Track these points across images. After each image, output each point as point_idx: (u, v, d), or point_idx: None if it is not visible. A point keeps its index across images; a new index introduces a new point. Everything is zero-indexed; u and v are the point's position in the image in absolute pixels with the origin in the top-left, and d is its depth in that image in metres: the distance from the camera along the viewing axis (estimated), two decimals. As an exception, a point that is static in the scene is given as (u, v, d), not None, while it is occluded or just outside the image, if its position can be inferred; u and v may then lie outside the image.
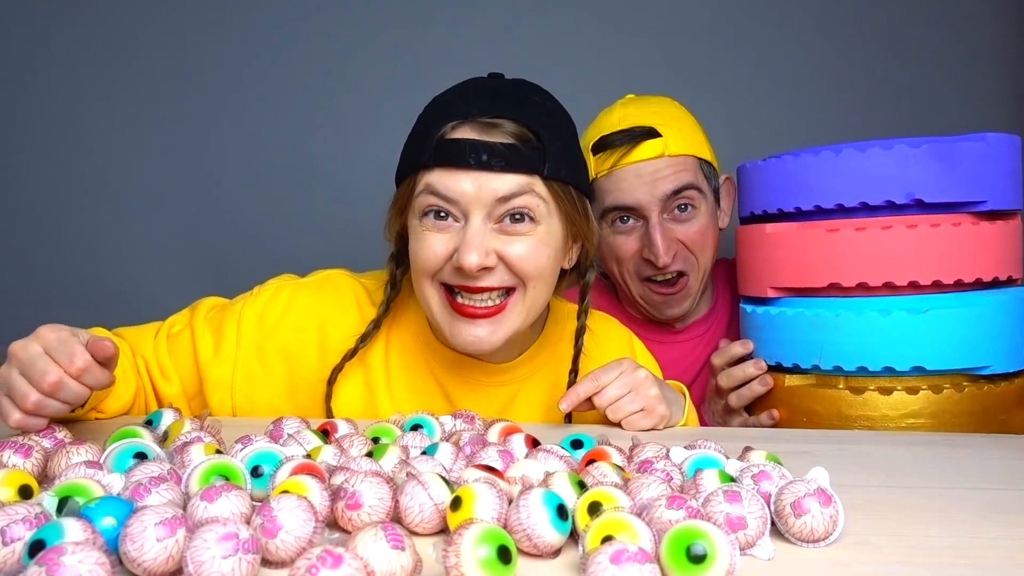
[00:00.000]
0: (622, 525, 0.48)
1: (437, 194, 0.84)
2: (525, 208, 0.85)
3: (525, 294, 0.88)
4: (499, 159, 0.83)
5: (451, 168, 0.84)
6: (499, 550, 0.45)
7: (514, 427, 0.76)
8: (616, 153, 1.17)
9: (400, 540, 0.45)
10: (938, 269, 0.97)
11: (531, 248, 0.86)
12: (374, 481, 0.54)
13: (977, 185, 0.97)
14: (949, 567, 0.50)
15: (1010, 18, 1.57)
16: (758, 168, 1.09)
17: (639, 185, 1.16)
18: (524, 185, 0.84)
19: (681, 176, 1.17)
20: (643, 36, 1.60)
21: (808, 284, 1.01)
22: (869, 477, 0.69)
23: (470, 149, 0.83)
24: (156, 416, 0.77)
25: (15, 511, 0.47)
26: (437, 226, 0.86)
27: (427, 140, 0.85)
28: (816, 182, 1.01)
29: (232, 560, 0.43)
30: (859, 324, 0.97)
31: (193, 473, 0.57)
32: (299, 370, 0.95)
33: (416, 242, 0.88)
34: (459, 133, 0.85)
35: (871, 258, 0.97)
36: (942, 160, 0.96)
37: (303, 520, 0.48)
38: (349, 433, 0.73)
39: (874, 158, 0.98)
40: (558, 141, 0.87)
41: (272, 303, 0.97)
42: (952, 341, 0.96)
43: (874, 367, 0.97)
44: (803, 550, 0.52)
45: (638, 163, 1.16)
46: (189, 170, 1.62)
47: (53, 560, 0.40)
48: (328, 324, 0.96)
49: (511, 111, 0.85)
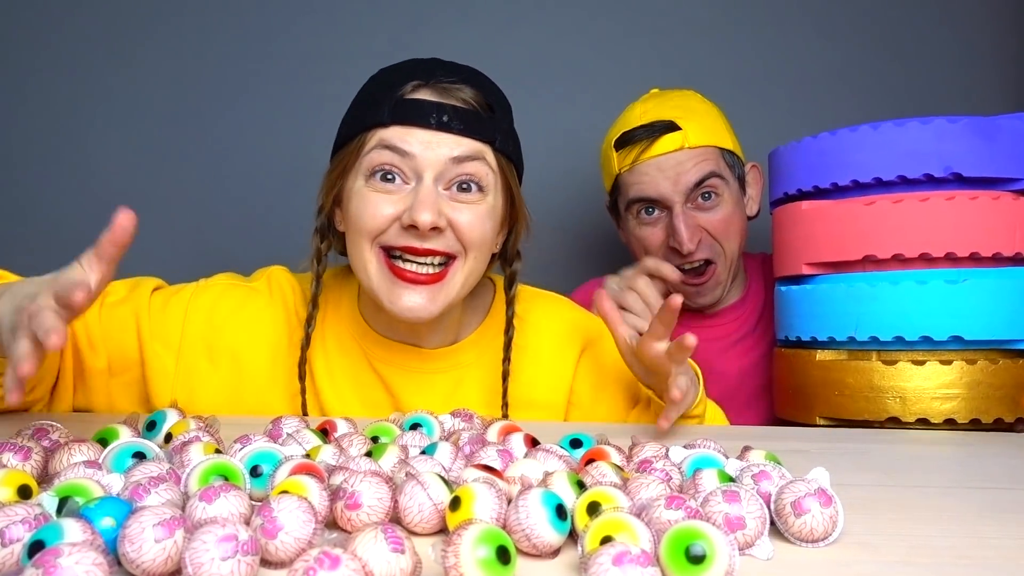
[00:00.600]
0: (621, 525, 0.48)
1: (393, 148, 0.84)
2: (475, 175, 0.86)
3: (465, 263, 0.88)
4: (458, 121, 0.85)
5: (409, 126, 0.84)
6: (498, 550, 0.45)
7: (513, 426, 0.75)
8: (637, 147, 1.20)
9: (400, 542, 0.45)
10: (975, 241, 0.97)
11: (478, 217, 0.87)
12: (373, 481, 0.54)
13: (1015, 162, 0.97)
14: (949, 567, 0.50)
15: (1010, 16, 1.57)
16: (793, 148, 1.09)
17: (661, 178, 1.19)
18: (477, 151, 0.86)
19: (702, 167, 1.19)
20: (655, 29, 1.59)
21: (844, 257, 1.01)
22: (869, 476, 0.69)
23: (432, 108, 0.84)
24: (160, 416, 0.77)
25: (14, 512, 0.47)
26: (385, 187, 0.85)
27: (384, 99, 0.86)
28: (854, 158, 1.01)
29: (231, 562, 0.43)
30: (896, 294, 0.97)
31: (192, 473, 0.57)
32: (248, 371, 0.94)
33: (360, 203, 0.86)
34: (419, 94, 0.86)
35: (907, 229, 0.98)
36: (980, 136, 0.96)
37: (303, 521, 0.48)
38: (348, 432, 0.73)
39: (913, 132, 0.98)
40: (506, 119, 0.90)
41: (223, 300, 0.96)
42: (990, 313, 0.96)
43: (911, 336, 0.97)
44: (802, 550, 0.52)
45: (659, 156, 1.19)
46: (189, 169, 1.62)
47: (50, 562, 0.40)
48: (277, 328, 0.95)
49: (468, 79, 0.88)
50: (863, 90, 1.57)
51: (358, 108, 0.90)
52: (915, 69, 1.58)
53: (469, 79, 0.88)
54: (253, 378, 0.94)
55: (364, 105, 0.89)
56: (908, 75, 1.58)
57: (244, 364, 0.95)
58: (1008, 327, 0.96)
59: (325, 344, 0.97)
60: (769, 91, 1.58)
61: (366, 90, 0.91)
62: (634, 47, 1.61)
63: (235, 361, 0.94)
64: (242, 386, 0.94)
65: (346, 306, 0.98)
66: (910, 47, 1.58)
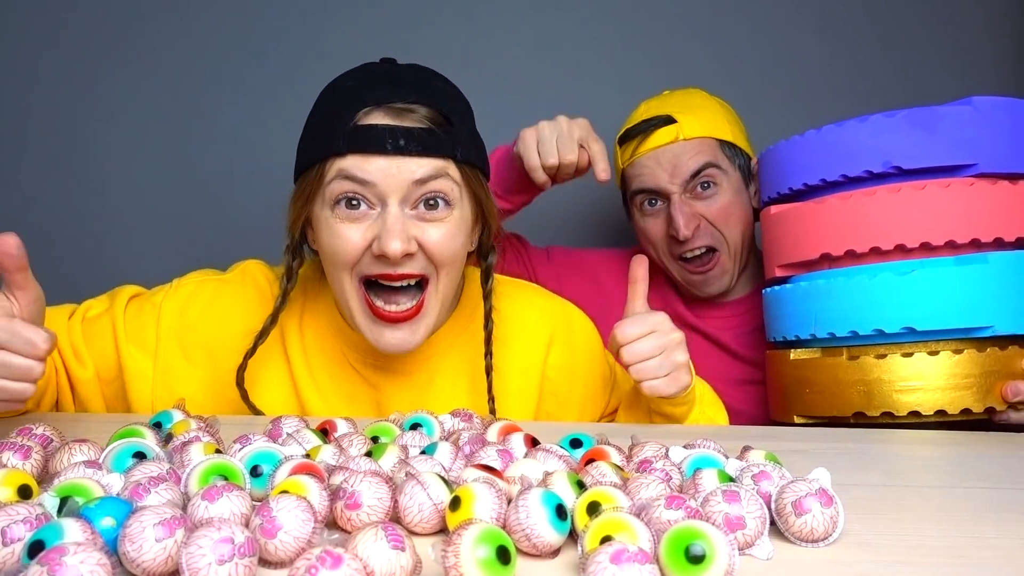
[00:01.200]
0: (621, 525, 0.48)
1: (353, 178, 0.83)
2: (440, 192, 0.85)
3: (438, 284, 0.89)
4: (415, 143, 0.83)
5: (366, 154, 0.83)
6: (498, 550, 0.45)
7: (513, 426, 0.75)
8: (635, 141, 1.25)
9: (400, 540, 0.45)
10: (925, 231, 0.96)
11: (447, 234, 0.86)
12: (373, 481, 0.54)
13: (963, 149, 0.96)
14: (949, 567, 0.50)
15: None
16: (762, 158, 1.13)
17: (658, 169, 1.23)
18: (439, 169, 0.85)
19: (698, 158, 1.23)
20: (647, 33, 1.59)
21: (802, 258, 1.03)
22: (868, 476, 0.69)
23: (387, 134, 0.83)
24: (165, 417, 0.77)
25: (15, 511, 0.47)
26: (351, 215, 0.85)
27: (338, 127, 0.84)
28: (802, 162, 1.04)
29: (228, 566, 0.43)
30: (847, 289, 0.98)
31: (192, 473, 0.57)
32: (223, 365, 0.94)
33: (329, 234, 0.86)
34: (373, 119, 0.84)
35: (856, 225, 0.98)
36: (920, 127, 0.96)
37: (302, 520, 0.48)
38: (348, 432, 0.73)
39: (850, 131, 0.99)
40: (466, 125, 0.89)
41: (195, 297, 0.96)
42: (944, 301, 0.94)
43: (864, 331, 0.97)
44: (802, 550, 0.52)
45: (655, 149, 1.23)
46: (188, 169, 1.62)
47: (55, 560, 0.40)
48: (252, 318, 0.95)
49: (422, 96, 0.86)
50: (865, 88, 1.57)
51: (313, 134, 0.88)
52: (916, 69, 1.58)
53: (423, 95, 0.86)
54: (230, 371, 0.94)
55: (318, 130, 0.87)
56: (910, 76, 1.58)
57: (219, 358, 0.95)
58: (965, 315, 0.94)
59: (304, 339, 0.97)
60: (774, 90, 1.58)
61: (319, 112, 0.89)
62: (637, 48, 1.61)
63: (210, 356, 0.95)
64: (219, 381, 0.95)
65: (324, 302, 0.98)
66: (912, 47, 1.58)
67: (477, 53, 1.54)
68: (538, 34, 1.59)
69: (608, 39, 1.60)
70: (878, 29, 1.59)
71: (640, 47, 1.60)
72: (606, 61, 1.60)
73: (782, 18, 1.59)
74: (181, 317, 0.95)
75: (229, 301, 0.97)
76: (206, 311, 0.96)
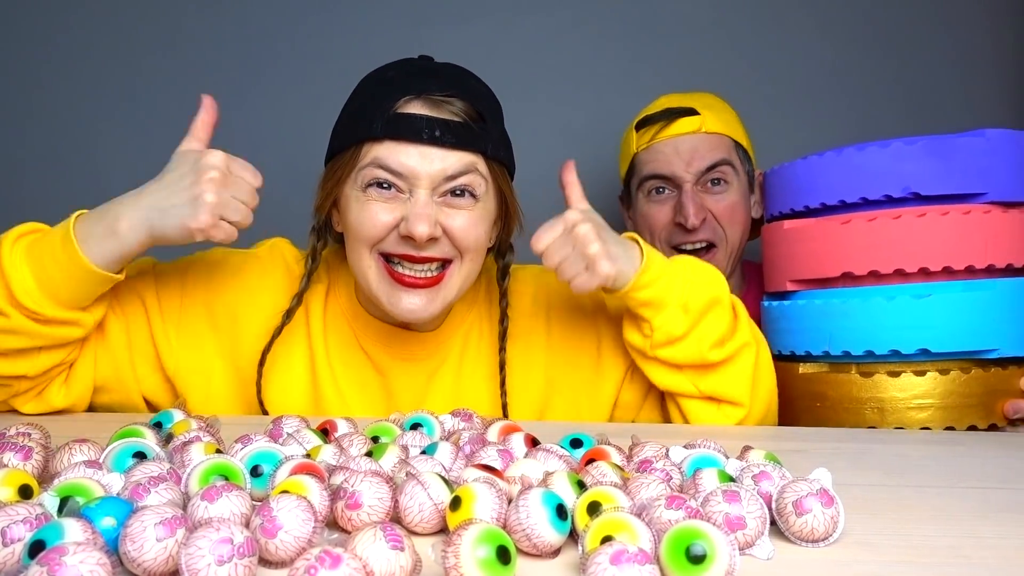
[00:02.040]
0: (621, 525, 0.48)
1: (386, 168, 0.86)
2: (468, 185, 0.88)
3: (461, 266, 0.91)
4: (450, 135, 0.86)
5: (402, 141, 0.86)
6: (498, 550, 0.45)
7: (513, 426, 0.75)
8: (656, 127, 1.26)
9: (399, 540, 0.45)
10: (947, 256, 0.99)
11: (470, 222, 0.89)
12: (374, 481, 0.54)
13: (975, 178, 1.00)
14: (949, 567, 0.50)
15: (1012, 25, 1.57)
16: (773, 173, 1.15)
17: (676, 157, 1.24)
18: (470, 164, 0.88)
19: (716, 152, 1.24)
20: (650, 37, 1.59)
21: (823, 275, 1.04)
22: (869, 476, 0.69)
23: (423, 123, 0.86)
24: (166, 417, 0.77)
25: (15, 511, 0.47)
26: (381, 195, 0.88)
27: (376, 113, 0.87)
28: (822, 181, 1.05)
29: (228, 566, 0.43)
30: (866, 310, 1.00)
31: (193, 473, 0.57)
32: (244, 333, 0.96)
33: (358, 211, 0.89)
34: (411, 108, 0.87)
35: (881, 246, 1.00)
36: (937, 156, 0.99)
37: (302, 520, 0.48)
38: (349, 432, 0.73)
39: (872, 156, 1.01)
40: (496, 124, 0.92)
41: (220, 265, 0.98)
42: (957, 325, 0.98)
43: (880, 351, 0.99)
44: (803, 550, 0.52)
45: (676, 137, 1.25)
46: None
47: (55, 560, 0.40)
48: (277, 292, 0.97)
49: (459, 90, 0.88)
50: (868, 97, 1.57)
51: (351, 118, 0.92)
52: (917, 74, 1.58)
53: (460, 90, 0.89)
54: (252, 342, 0.96)
55: (356, 115, 0.90)
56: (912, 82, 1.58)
57: (243, 326, 0.96)
58: (975, 338, 0.98)
59: (325, 320, 0.99)
60: (774, 90, 1.58)
61: (358, 98, 0.92)
62: (634, 49, 1.61)
63: (234, 322, 0.96)
64: (240, 349, 0.96)
65: (344, 286, 1.00)
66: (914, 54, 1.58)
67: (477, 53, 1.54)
68: (538, 35, 1.59)
69: (608, 39, 1.60)
70: (879, 32, 1.59)
71: (640, 48, 1.60)
72: (606, 61, 1.60)
73: (783, 20, 1.59)
74: (207, 283, 0.96)
75: (255, 274, 0.99)
76: (232, 279, 0.97)
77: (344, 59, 1.58)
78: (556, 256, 0.89)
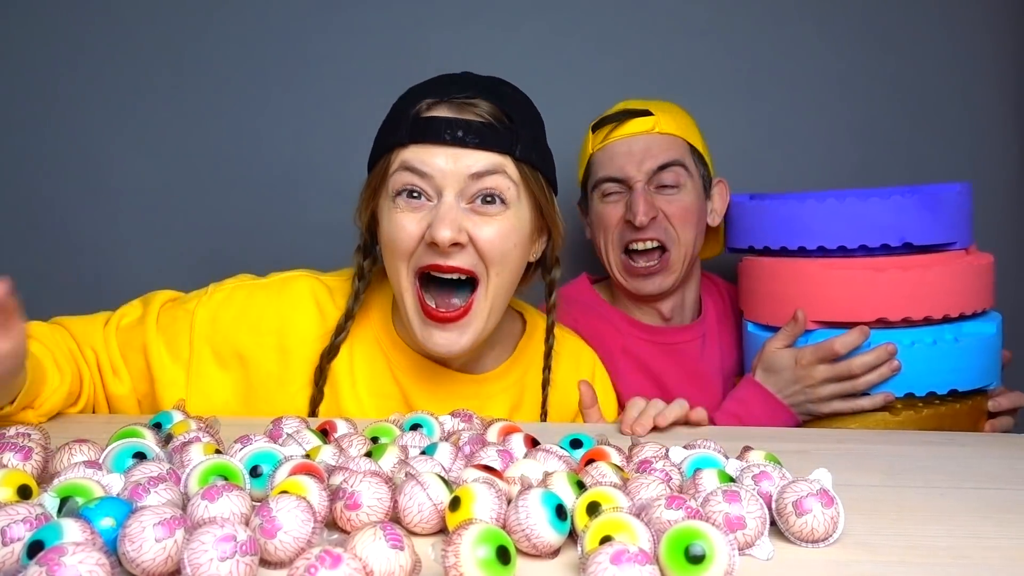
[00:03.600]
0: (621, 525, 0.48)
1: (412, 170, 0.85)
2: (496, 189, 0.86)
3: (488, 286, 0.88)
4: (474, 135, 0.85)
5: (426, 144, 0.85)
6: (498, 550, 0.45)
7: (513, 427, 0.75)
8: (609, 127, 1.25)
9: (399, 539, 0.45)
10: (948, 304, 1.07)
11: (500, 231, 0.86)
12: (373, 481, 0.54)
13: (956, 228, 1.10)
14: (949, 567, 0.50)
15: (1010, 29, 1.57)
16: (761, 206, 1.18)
17: (628, 158, 1.23)
18: (497, 164, 0.86)
19: (669, 153, 1.23)
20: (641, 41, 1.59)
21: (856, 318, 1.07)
22: (869, 476, 0.69)
23: (445, 125, 0.85)
24: (166, 417, 0.77)
25: (15, 511, 0.47)
26: (411, 205, 0.86)
27: (402, 119, 0.87)
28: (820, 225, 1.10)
29: (230, 563, 0.43)
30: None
31: (192, 473, 0.57)
32: (256, 372, 0.94)
33: (389, 223, 0.88)
34: (434, 111, 0.87)
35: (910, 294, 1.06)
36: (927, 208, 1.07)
37: (302, 521, 0.48)
38: (348, 433, 0.73)
39: (875, 207, 1.07)
40: (529, 127, 0.89)
41: (228, 303, 0.95)
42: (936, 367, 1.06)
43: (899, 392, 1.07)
44: (803, 550, 0.52)
45: (629, 137, 1.24)
46: (190, 168, 1.62)
47: (54, 560, 0.40)
48: (287, 327, 0.95)
49: (484, 93, 0.88)
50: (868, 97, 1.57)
51: (383, 130, 0.91)
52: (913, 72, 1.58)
53: (487, 92, 0.88)
54: (263, 380, 0.94)
55: (387, 126, 0.90)
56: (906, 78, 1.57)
57: (251, 365, 0.94)
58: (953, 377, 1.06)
59: (352, 348, 0.96)
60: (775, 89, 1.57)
61: (390, 112, 0.92)
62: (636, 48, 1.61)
63: (242, 362, 0.94)
64: (252, 387, 0.94)
65: (377, 312, 0.98)
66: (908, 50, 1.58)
67: (477, 54, 1.54)
68: (538, 35, 1.59)
69: (609, 40, 1.60)
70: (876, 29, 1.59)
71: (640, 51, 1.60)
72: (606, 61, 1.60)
73: (780, 20, 1.59)
74: (214, 323, 0.94)
75: (263, 307, 0.96)
76: (240, 317, 0.95)
77: (343, 60, 1.59)
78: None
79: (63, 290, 1.60)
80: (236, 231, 1.61)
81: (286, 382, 0.94)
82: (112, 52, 1.61)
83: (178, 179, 1.62)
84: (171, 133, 1.62)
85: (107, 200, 1.62)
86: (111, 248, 1.62)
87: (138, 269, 1.61)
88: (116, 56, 1.61)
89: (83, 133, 1.62)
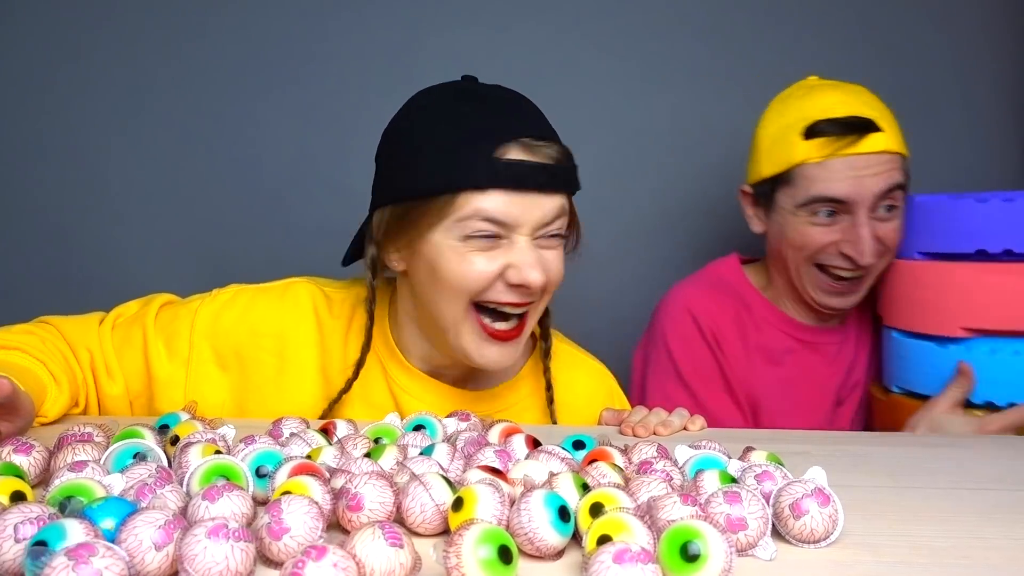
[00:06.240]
0: (622, 526, 0.48)
1: (492, 220, 0.83)
2: (563, 228, 0.88)
3: (539, 306, 0.90)
4: (550, 181, 0.84)
5: (508, 191, 0.82)
6: (500, 550, 0.45)
7: (514, 428, 0.75)
8: (836, 143, 1.11)
9: (398, 538, 0.45)
10: None
11: (560, 262, 0.89)
12: (376, 483, 0.54)
13: None
14: (949, 567, 0.50)
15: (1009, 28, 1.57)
16: (939, 205, 1.11)
17: (854, 179, 1.10)
18: (561, 207, 0.87)
19: (893, 175, 1.12)
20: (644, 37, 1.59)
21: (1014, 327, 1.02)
22: (869, 477, 0.69)
23: (528, 171, 0.83)
24: (172, 418, 0.76)
25: (29, 509, 0.47)
26: (483, 244, 0.84)
27: (476, 159, 0.83)
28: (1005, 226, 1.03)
29: (224, 547, 0.43)
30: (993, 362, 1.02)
31: (194, 474, 0.57)
32: (253, 375, 0.94)
33: (458, 263, 0.84)
34: (512, 154, 0.83)
35: None
36: None
37: (310, 528, 0.48)
38: (350, 434, 0.73)
39: None
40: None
41: (230, 305, 0.95)
42: None
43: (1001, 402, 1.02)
44: (803, 550, 0.52)
45: (855, 156, 1.11)
46: (189, 169, 1.62)
47: (83, 557, 0.40)
48: (286, 331, 0.95)
49: (548, 131, 0.87)
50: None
51: (441, 161, 0.84)
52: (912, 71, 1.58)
53: (547, 128, 0.87)
54: (259, 383, 0.94)
55: (450, 160, 0.84)
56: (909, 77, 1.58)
57: (249, 367, 0.94)
58: None
59: (347, 360, 0.95)
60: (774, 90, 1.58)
61: (447, 140, 0.85)
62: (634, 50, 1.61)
63: (241, 364, 0.94)
64: (248, 389, 0.94)
65: (377, 325, 0.96)
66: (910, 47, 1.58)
67: (477, 54, 1.54)
68: (538, 35, 1.60)
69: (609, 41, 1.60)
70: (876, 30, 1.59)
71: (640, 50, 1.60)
72: (606, 62, 1.60)
73: (782, 17, 1.59)
74: (215, 324, 0.94)
75: (263, 310, 0.96)
76: (241, 319, 0.95)
77: (343, 60, 1.59)
78: None
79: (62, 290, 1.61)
80: (236, 231, 1.61)
81: (281, 386, 0.94)
82: (112, 52, 1.61)
83: (178, 179, 1.62)
84: (171, 133, 1.62)
85: (107, 200, 1.62)
86: (111, 248, 1.62)
87: (137, 269, 1.61)
88: (116, 56, 1.61)
89: (83, 133, 1.62)
